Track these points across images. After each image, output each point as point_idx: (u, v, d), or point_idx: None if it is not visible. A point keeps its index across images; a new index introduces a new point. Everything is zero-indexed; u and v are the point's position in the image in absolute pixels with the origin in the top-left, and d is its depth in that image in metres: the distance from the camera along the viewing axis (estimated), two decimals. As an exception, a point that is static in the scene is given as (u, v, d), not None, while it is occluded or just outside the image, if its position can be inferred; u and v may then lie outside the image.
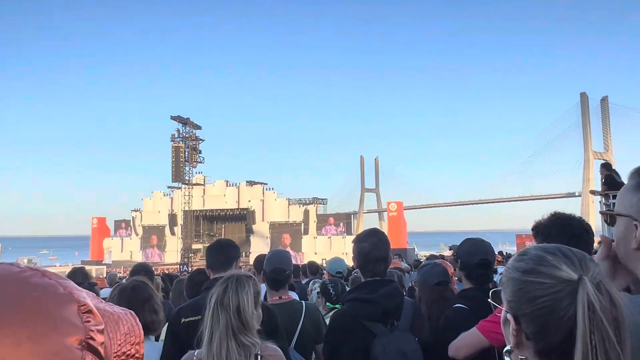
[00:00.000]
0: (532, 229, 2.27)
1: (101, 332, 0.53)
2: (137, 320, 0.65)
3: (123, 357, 0.59)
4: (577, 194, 74.48)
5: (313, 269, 8.11)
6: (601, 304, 0.86)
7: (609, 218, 1.30)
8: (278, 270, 3.27)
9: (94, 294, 0.62)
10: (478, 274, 2.64)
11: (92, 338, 0.52)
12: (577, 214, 2.33)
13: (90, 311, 0.54)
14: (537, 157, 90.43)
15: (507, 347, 0.99)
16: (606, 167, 11.64)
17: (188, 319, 2.62)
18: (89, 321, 0.53)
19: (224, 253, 2.95)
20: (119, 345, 0.59)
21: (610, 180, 10.86)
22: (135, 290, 2.77)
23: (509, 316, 0.98)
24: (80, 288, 0.56)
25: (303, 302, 3.38)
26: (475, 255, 2.66)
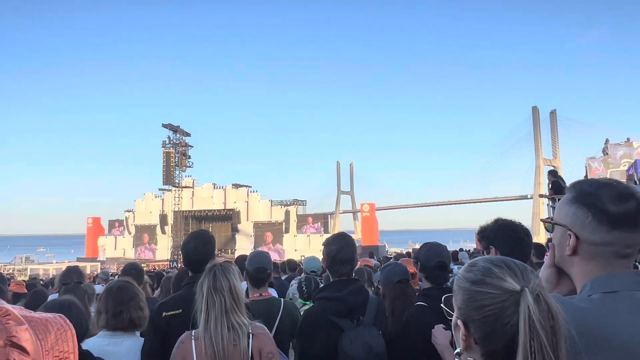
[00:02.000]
0: (478, 234, 2.33)
1: (25, 331, 0.55)
2: (68, 321, 0.66)
3: (59, 355, 0.61)
4: (529, 197, 75.94)
5: (292, 266, 8.13)
6: (539, 313, 0.89)
7: (548, 225, 1.34)
8: (260, 269, 3.26)
9: (20, 307, 0.63)
10: (435, 275, 2.67)
11: (14, 336, 0.53)
12: (529, 214, 2.39)
13: (9, 314, 0.55)
14: (495, 163, 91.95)
15: (457, 350, 1.02)
16: (552, 174, 11.94)
17: (169, 313, 2.59)
18: (9, 323, 0.54)
19: (199, 255, 2.84)
20: (51, 344, 0.60)
21: (556, 185, 11.15)
22: (121, 289, 2.76)
23: (459, 322, 1.00)
24: (1, 300, 0.58)
25: (282, 299, 3.36)
26: (432, 259, 2.68)
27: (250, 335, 2.17)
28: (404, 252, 18.78)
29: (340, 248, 2.66)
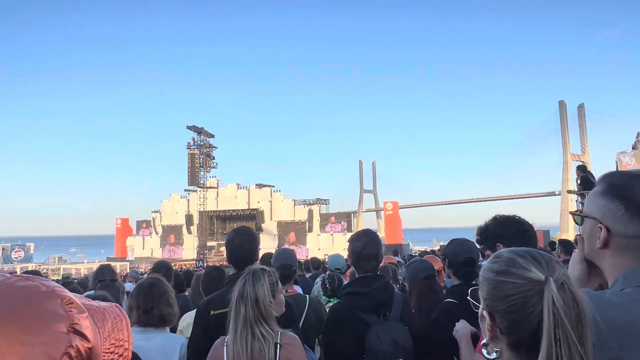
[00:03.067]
0: (479, 235, 2.28)
1: (86, 319, 0.57)
2: (123, 311, 0.70)
3: (115, 342, 0.64)
4: (557, 193, 74.16)
5: (316, 264, 8.18)
6: (563, 302, 0.89)
7: (578, 218, 1.32)
8: (285, 266, 3.31)
9: (80, 295, 0.65)
10: (464, 271, 2.65)
11: (77, 323, 0.56)
12: (557, 211, 2.35)
13: (72, 302, 0.57)
14: (520, 160, 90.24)
15: (484, 341, 1.03)
16: (581, 169, 11.64)
17: (217, 312, 2.59)
18: (72, 310, 0.56)
19: (244, 251, 2.84)
20: (109, 332, 0.63)
21: (585, 181, 10.86)
22: (152, 286, 2.83)
23: (484, 313, 1.01)
24: (63, 287, 0.60)
25: (307, 295, 3.41)
26: (460, 255, 2.67)
27: (278, 345, 2.16)
28: (429, 250, 18.60)
29: (365, 244, 2.68)
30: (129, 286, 7.17)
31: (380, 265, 5.21)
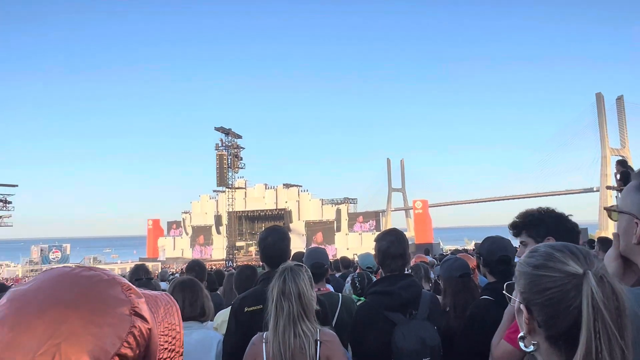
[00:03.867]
0: (527, 222, 2.18)
1: (144, 303, 0.65)
2: (172, 298, 0.78)
3: (168, 326, 0.71)
4: (595, 189, 71.75)
5: (345, 263, 8.19)
6: (603, 294, 0.90)
7: (612, 213, 1.31)
8: (317, 265, 3.35)
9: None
10: (499, 269, 2.64)
11: (137, 307, 0.63)
12: (595, 208, 2.28)
13: (131, 289, 0.65)
14: (556, 155, 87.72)
15: (521, 334, 1.04)
16: (621, 164, 11.25)
17: (251, 308, 2.64)
18: (131, 295, 0.64)
19: (277, 250, 2.89)
20: (162, 317, 0.71)
21: (625, 176, 10.49)
22: (187, 283, 2.95)
23: (522, 306, 1.03)
24: (121, 276, 0.68)
25: (339, 294, 3.44)
26: (495, 253, 2.65)
27: (319, 342, 2.18)
28: (460, 249, 18.34)
29: (390, 243, 2.69)
30: (164, 285, 7.40)
31: (411, 264, 5.23)
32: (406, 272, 2.83)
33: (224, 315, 3.48)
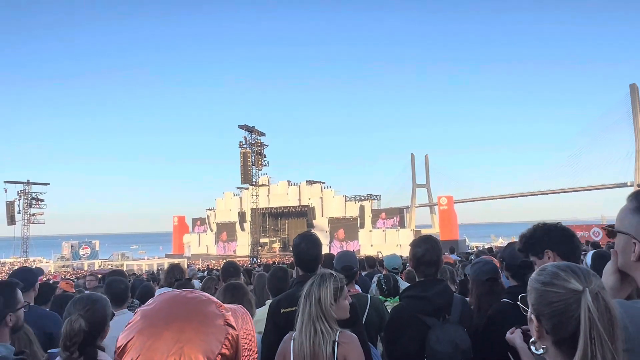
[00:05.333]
0: (523, 243, 2.40)
1: (231, 316, 0.88)
2: (246, 309, 1.00)
3: (245, 331, 0.93)
4: (629, 184, 69.67)
5: (370, 263, 8.28)
6: (597, 309, 1.13)
7: (610, 232, 1.48)
8: (347, 267, 3.55)
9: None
10: (521, 273, 2.74)
11: (228, 319, 0.84)
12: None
13: (222, 306, 0.87)
14: (587, 149, 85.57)
15: (532, 339, 1.29)
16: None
17: (287, 310, 2.79)
18: (223, 311, 0.85)
19: (310, 255, 3.05)
20: (241, 325, 0.93)
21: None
22: (237, 288, 3.21)
23: (532, 316, 1.27)
24: (213, 297, 0.90)
25: (368, 295, 3.62)
26: (517, 258, 2.76)
27: (336, 343, 2.33)
28: (486, 247, 18.25)
29: (425, 251, 2.85)
30: (196, 283, 7.69)
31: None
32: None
33: (258, 314, 3.70)
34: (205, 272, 14.60)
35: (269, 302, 3.43)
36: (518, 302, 1.39)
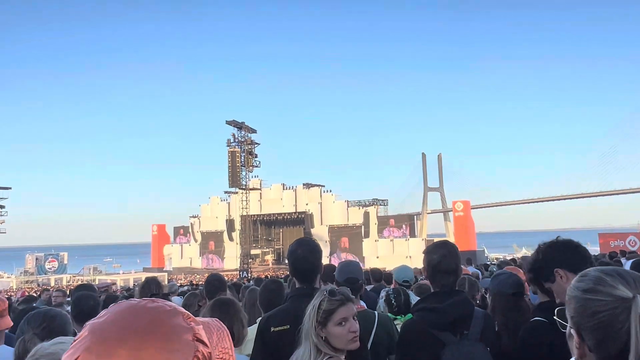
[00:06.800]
0: (531, 270, 2.46)
1: (202, 330, 0.82)
2: (222, 324, 0.93)
3: (222, 350, 0.87)
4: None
5: (376, 276, 8.21)
6: None
7: None
8: (351, 280, 3.48)
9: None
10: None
11: (198, 333, 0.78)
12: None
13: (190, 317, 0.81)
14: (618, 149, 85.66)
15: (572, 359, 1.18)
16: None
17: (278, 328, 2.74)
18: (192, 323, 0.79)
19: (308, 263, 2.98)
20: (216, 342, 0.87)
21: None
22: (227, 304, 3.13)
23: (572, 331, 1.17)
24: (179, 306, 0.84)
25: (375, 312, 3.56)
26: None
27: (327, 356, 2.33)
28: (508, 259, 18.17)
29: (442, 257, 2.78)
30: (176, 299, 7.64)
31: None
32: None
33: (249, 334, 3.65)
34: (188, 288, 14.52)
35: (261, 318, 3.34)
36: (555, 317, 1.30)
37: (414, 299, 4.55)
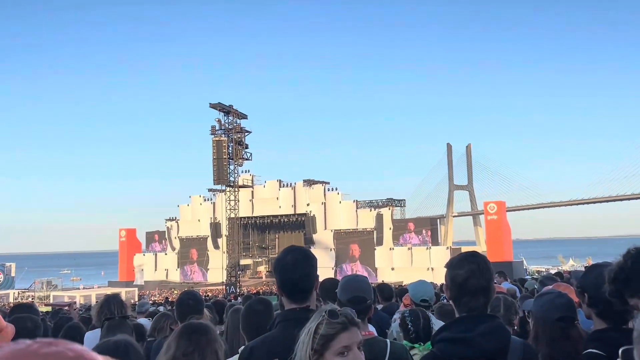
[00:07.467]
0: (614, 281, 2.36)
1: None
2: None
3: None
4: None
5: (386, 294, 8.05)
6: None
7: None
8: (357, 299, 3.39)
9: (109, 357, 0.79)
10: (612, 311, 2.61)
11: None
12: None
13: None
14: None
15: None
16: None
17: None
18: None
19: (301, 274, 2.89)
20: None
21: None
22: (197, 331, 3.03)
23: None
24: (91, 352, 0.74)
25: (387, 340, 3.46)
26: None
27: None
28: (553, 272, 18.10)
29: (470, 273, 2.69)
30: (144, 321, 7.54)
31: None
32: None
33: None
34: (162, 307, 14.48)
35: (242, 349, 3.26)
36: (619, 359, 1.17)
37: (436, 323, 4.46)
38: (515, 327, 4.75)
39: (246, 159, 49.72)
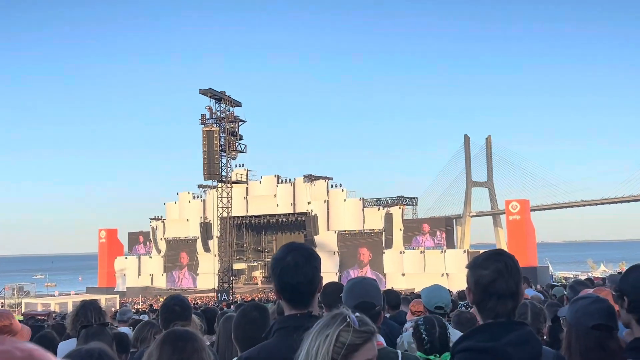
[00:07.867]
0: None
1: None
2: None
3: None
4: None
5: (393, 301, 8.06)
6: None
7: None
8: (365, 305, 3.36)
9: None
10: None
11: None
12: None
13: None
14: None
15: None
16: None
17: None
18: None
19: (302, 275, 2.85)
20: None
21: None
22: (181, 338, 2.99)
23: None
24: (43, 350, 0.73)
25: (398, 351, 3.45)
26: None
27: None
28: (582, 278, 18.13)
29: (497, 273, 2.66)
30: (125, 330, 7.54)
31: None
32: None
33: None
34: (145, 315, 14.50)
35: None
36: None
37: (453, 333, 4.45)
38: (545, 337, 4.74)
39: (240, 152, 49.81)
